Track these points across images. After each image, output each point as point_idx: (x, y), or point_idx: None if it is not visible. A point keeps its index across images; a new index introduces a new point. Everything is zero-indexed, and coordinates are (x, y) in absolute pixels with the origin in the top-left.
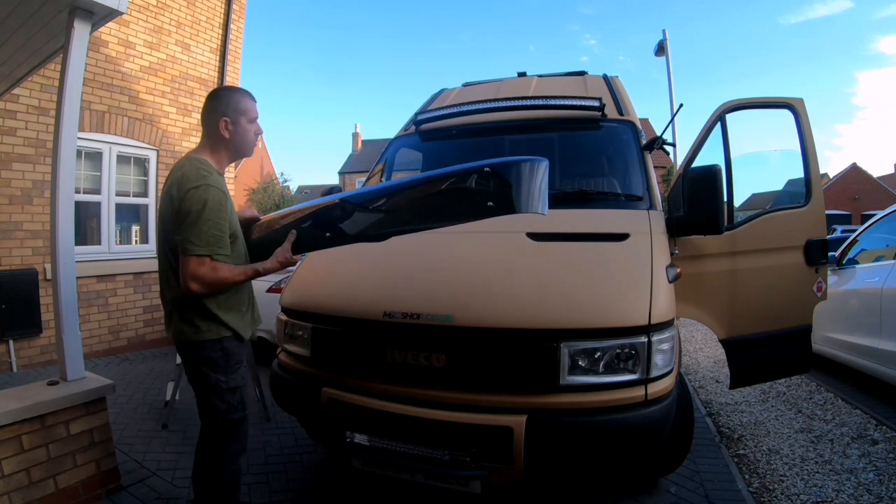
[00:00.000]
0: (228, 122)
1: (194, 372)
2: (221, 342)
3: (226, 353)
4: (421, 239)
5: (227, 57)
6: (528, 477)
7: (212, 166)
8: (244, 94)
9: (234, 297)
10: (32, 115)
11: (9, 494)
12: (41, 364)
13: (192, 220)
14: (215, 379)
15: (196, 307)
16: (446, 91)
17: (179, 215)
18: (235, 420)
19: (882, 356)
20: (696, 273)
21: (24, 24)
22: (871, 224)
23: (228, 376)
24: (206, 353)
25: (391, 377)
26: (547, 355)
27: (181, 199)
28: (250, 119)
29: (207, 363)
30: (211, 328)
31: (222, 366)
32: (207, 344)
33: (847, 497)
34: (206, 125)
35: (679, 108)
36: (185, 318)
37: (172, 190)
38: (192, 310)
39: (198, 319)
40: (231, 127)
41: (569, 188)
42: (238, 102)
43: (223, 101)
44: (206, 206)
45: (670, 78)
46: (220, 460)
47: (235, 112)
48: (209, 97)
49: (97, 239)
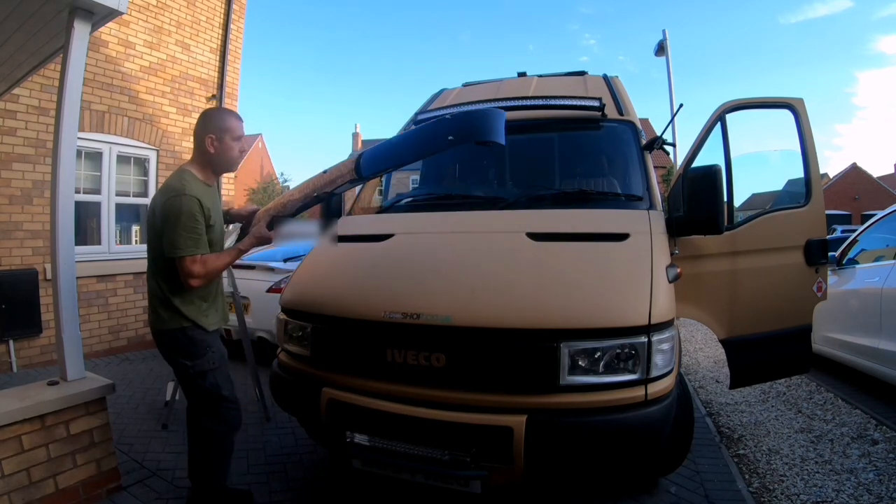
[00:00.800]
0: (214, 139)
1: (166, 357)
2: (184, 330)
3: (190, 341)
4: (421, 239)
5: (227, 57)
6: (528, 477)
7: (195, 177)
8: (230, 114)
9: (195, 292)
10: (32, 115)
11: (9, 494)
12: (41, 364)
13: (171, 226)
14: (181, 363)
15: (161, 300)
16: (446, 91)
17: (163, 221)
18: (212, 399)
19: (882, 356)
20: (696, 273)
21: (24, 24)
22: (871, 224)
23: (194, 361)
24: (170, 340)
25: (391, 377)
26: (547, 355)
27: (162, 207)
28: (234, 137)
29: (174, 349)
30: (173, 318)
31: (187, 351)
32: (170, 332)
33: (847, 497)
34: (196, 141)
35: (679, 108)
36: (154, 309)
37: (158, 197)
38: (158, 302)
39: (161, 310)
40: (216, 144)
41: (569, 188)
42: (224, 122)
43: (211, 120)
44: (182, 214)
45: (670, 78)
46: (208, 434)
47: (221, 130)
48: (200, 116)
49: (97, 239)
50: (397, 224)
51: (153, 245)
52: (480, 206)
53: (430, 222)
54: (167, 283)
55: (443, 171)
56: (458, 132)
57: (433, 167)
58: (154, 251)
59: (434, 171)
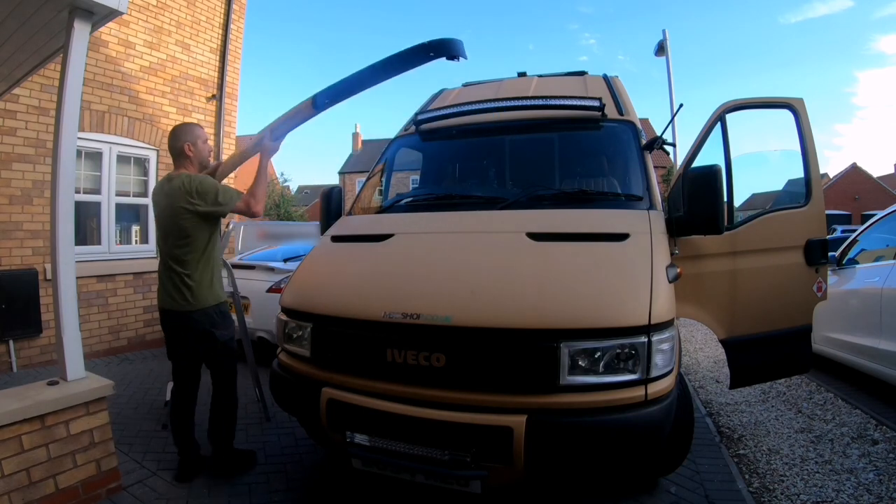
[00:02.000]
0: (190, 144)
1: (197, 334)
2: (217, 307)
3: (221, 315)
4: (421, 239)
5: (227, 57)
6: (528, 477)
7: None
8: (193, 125)
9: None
10: (32, 115)
11: (9, 494)
12: (41, 364)
13: (213, 194)
14: (215, 335)
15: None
16: (446, 91)
17: (203, 198)
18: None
19: (882, 356)
20: (696, 273)
21: (24, 24)
22: (871, 224)
23: (224, 331)
24: (205, 317)
25: (391, 377)
26: (547, 355)
27: (198, 191)
28: (203, 140)
29: (209, 323)
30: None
31: (220, 324)
32: (204, 310)
33: (847, 497)
34: (176, 153)
35: (679, 108)
36: (182, 296)
37: (180, 189)
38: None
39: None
40: (193, 148)
41: (569, 188)
42: (191, 132)
43: (182, 133)
44: (211, 183)
45: (670, 78)
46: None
47: (193, 137)
48: (171, 134)
49: (97, 239)
50: (397, 224)
51: (173, 240)
52: (480, 206)
53: (430, 222)
54: (192, 271)
55: (443, 171)
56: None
57: (433, 167)
58: (174, 245)
59: (434, 171)
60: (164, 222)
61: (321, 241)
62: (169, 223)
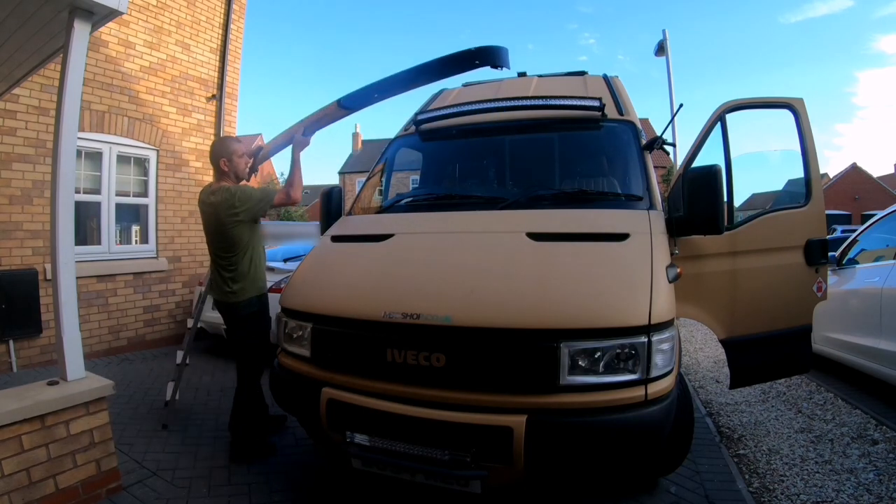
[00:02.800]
0: (225, 160)
1: (239, 322)
2: (259, 297)
3: (263, 305)
4: (421, 239)
5: (227, 57)
6: (528, 477)
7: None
8: (230, 140)
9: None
10: (32, 115)
11: (9, 494)
12: (41, 364)
13: (255, 197)
14: (256, 322)
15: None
16: (446, 91)
17: (245, 202)
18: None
19: (882, 356)
20: (696, 273)
21: (24, 24)
22: (871, 224)
23: (264, 319)
24: (248, 305)
25: (391, 377)
26: (547, 355)
27: (239, 199)
28: (238, 155)
29: (251, 311)
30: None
31: (261, 311)
32: (248, 300)
33: (847, 497)
34: (213, 164)
35: (679, 108)
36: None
37: (223, 203)
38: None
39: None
40: (228, 164)
41: (569, 188)
42: (227, 147)
43: (218, 149)
44: (251, 189)
45: (670, 78)
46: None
47: (228, 153)
48: (210, 148)
49: (97, 239)
50: (397, 224)
51: (218, 243)
52: (480, 206)
53: (430, 222)
54: (237, 266)
55: (443, 171)
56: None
57: (433, 167)
58: (219, 248)
59: (434, 171)
60: (210, 229)
61: (321, 241)
62: (214, 231)
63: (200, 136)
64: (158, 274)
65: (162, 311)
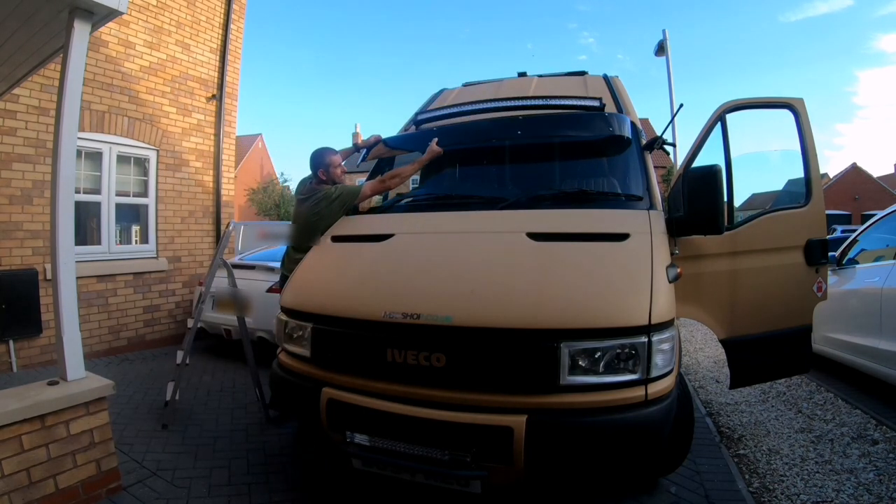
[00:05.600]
0: (323, 171)
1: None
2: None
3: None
4: (421, 239)
5: (227, 57)
6: (528, 477)
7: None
8: (328, 152)
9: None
10: (32, 115)
11: (9, 494)
12: (41, 364)
13: (347, 192)
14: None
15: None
16: (446, 91)
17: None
18: None
19: (882, 356)
20: (696, 273)
21: (24, 24)
22: (871, 224)
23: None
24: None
25: (391, 377)
26: (547, 355)
27: (338, 194)
28: (335, 166)
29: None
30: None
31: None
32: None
33: (847, 497)
34: (313, 172)
35: (679, 108)
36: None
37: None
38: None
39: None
40: (326, 174)
41: (569, 188)
42: (324, 159)
43: (317, 160)
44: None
45: (670, 78)
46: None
47: (326, 165)
48: (310, 157)
49: (97, 239)
50: (397, 224)
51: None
52: (480, 206)
53: (431, 222)
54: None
55: (443, 170)
56: None
57: (433, 167)
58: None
59: (434, 170)
60: (305, 227)
61: (321, 240)
62: (311, 228)
63: (200, 136)
64: (158, 274)
65: (162, 311)
